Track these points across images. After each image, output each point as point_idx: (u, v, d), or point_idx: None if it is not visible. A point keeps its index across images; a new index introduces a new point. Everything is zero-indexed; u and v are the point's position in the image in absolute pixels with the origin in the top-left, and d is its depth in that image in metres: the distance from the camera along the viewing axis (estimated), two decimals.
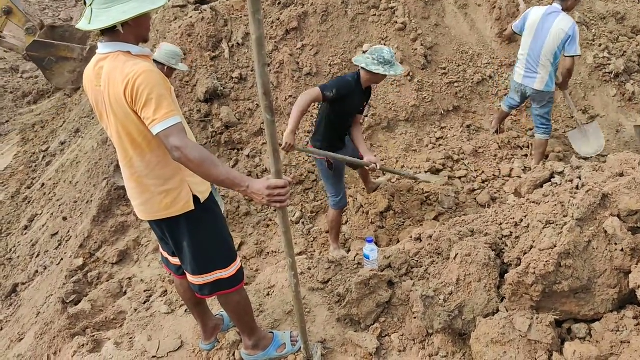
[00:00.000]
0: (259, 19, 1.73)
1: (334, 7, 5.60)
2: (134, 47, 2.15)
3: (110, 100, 2.14)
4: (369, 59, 3.69)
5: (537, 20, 4.36)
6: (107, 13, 2.06)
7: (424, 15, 5.69)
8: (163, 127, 2.00)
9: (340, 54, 5.45)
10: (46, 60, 8.38)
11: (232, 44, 5.52)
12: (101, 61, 2.17)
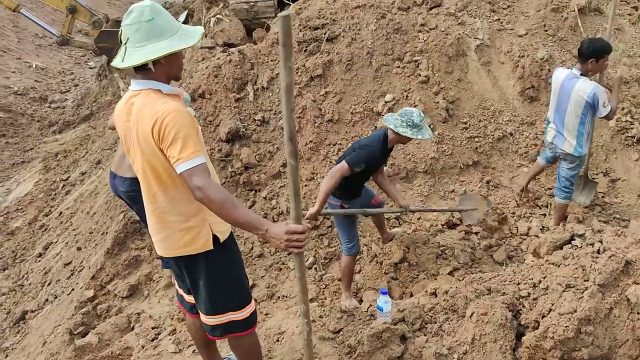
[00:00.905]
0: (290, 67, 1.77)
1: (359, 57, 5.71)
2: (164, 86, 2.21)
3: (138, 137, 2.19)
4: (397, 120, 3.75)
5: (558, 85, 4.35)
6: (140, 51, 2.13)
7: (447, 70, 5.77)
8: (187, 167, 2.03)
9: (363, 102, 5.52)
10: (115, 50, 8.54)
11: (257, 87, 5.63)
12: (133, 97, 2.23)
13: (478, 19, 6.18)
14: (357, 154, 3.71)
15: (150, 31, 2.12)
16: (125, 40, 2.16)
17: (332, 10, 6.09)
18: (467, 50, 5.94)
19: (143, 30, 2.12)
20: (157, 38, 2.13)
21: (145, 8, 2.14)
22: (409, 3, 6.20)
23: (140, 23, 2.12)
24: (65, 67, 12.73)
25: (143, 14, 2.13)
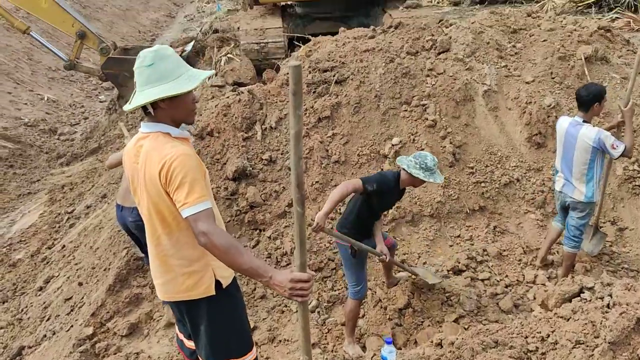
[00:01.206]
0: (299, 115, 1.78)
1: (367, 99, 5.76)
2: (173, 129, 2.23)
3: (145, 179, 2.20)
4: (411, 162, 3.81)
5: (563, 133, 4.36)
6: (140, 96, 2.18)
7: (454, 115, 5.80)
8: (193, 212, 2.04)
9: (370, 145, 5.54)
10: (120, 76, 8.72)
11: (265, 127, 5.67)
12: (142, 139, 2.25)
13: (486, 65, 6.24)
14: (371, 176, 3.85)
15: (150, 76, 2.17)
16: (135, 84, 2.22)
17: (342, 53, 6.18)
18: (474, 96, 5.98)
19: (144, 75, 2.18)
20: (155, 82, 2.17)
21: (149, 53, 2.20)
22: (418, 48, 6.29)
23: (142, 68, 2.19)
24: (76, 100, 12.88)
25: (145, 59, 2.19)
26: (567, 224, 4.51)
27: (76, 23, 8.63)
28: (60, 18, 8.56)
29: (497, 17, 7.14)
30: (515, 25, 6.94)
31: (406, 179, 3.84)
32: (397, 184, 3.85)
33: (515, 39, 6.75)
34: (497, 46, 6.54)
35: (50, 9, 8.42)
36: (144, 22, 21.46)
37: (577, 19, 8.01)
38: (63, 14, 8.55)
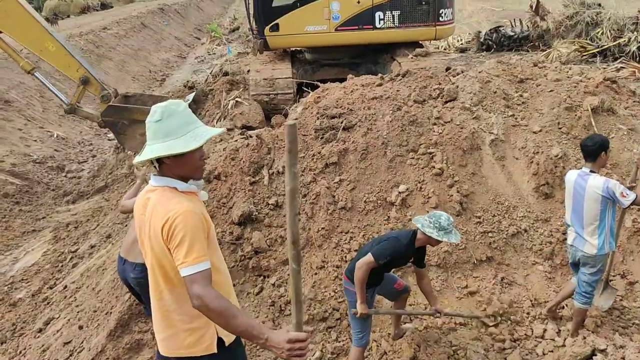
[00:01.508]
0: (295, 172, 1.79)
1: (374, 146, 5.78)
2: (180, 184, 2.24)
3: (149, 232, 2.20)
4: (426, 221, 3.91)
5: (572, 186, 4.35)
6: (147, 150, 2.20)
7: (461, 163, 5.80)
8: (190, 272, 2.04)
9: (376, 191, 5.53)
10: (119, 124, 8.73)
11: (272, 172, 5.68)
12: (150, 192, 2.26)
13: (493, 114, 6.28)
14: (382, 246, 3.84)
15: (158, 132, 2.19)
16: None
17: (350, 100, 6.24)
18: (481, 145, 6.00)
19: (152, 130, 2.20)
20: (162, 138, 2.19)
21: (159, 109, 2.22)
22: (425, 96, 6.35)
23: (150, 123, 2.22)
24: (85, 137, 13.02)
25: (155, 114, 2.22)
26: (578, 280, 4.43)
27: (80, 68, 8.69)
28: (65, 62, 8.63)
29: (504, 67, 7.22)
30: (522, 74, 7.02)
31: (422, 238, 3.91)
32: (412, 243, 3.91)
33: (522, 88, 6.81)
34: (504, 95, 6.59)
35: (57, 53, 8.49)
36: (155, 62, 21.87)
37: (583, 69, 8.10)
38: (69, 58, 8.62)
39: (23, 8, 8.25)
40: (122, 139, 8.93)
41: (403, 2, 8.40)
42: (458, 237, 3.89)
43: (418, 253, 4.06)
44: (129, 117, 8.62)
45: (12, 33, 8.34)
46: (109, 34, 21.66)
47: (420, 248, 4.04)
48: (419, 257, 4.12)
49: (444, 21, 8.66)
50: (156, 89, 18.41)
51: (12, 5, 8.11)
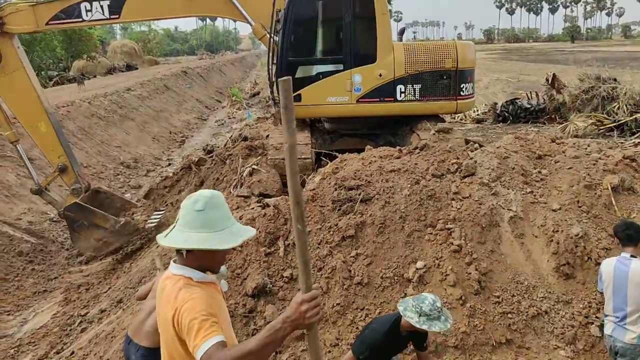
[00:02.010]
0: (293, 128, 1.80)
1: (392, 220, 5.74)
2: (196, 274, 2.23)
3: (161, 320, 2.19)
4: (409, 304, 3.60)
5: (611, 273, 4.26)
6: (180, 236, 2.17)
7: (480, 240, 5.72)
8: (203, 350, 2.02)
9: (393, 267, 5.44)
10: (78, 223, 8.47)
11: (288, 243, 5.63)
12: (168, 279, 2.26)
13: (511, 191, 6.24)
14: (360, 341, 3.65)
15: (196, 221, 2.17)
16: (176, 220, 2.22)
17: (368, 172, 6.26)
18: (500, 221, 5.93)
19: (190, 218, 2.18)
20: (199, 229, 2.17)
21: (203, 198, 2.21)
22: (443, 170, 6.35)
23: (191, 211, 2.19)
24: None
25: (197, 203, 2.20)
26: None
27: (63, 156, 8.58)
28: (50, 146, 8.55)
29: (521, 142, 7.24)
30: (540, 151, 7.03)
31: (406, 324, 3.59)
32: (394, 330, 3.64)
33: (541, 165, 6.81)
34: (523, 172, 6.57)
35: (46, 135, 8.43)
36: (176, 124, 22.37)
37: (601, 145, 8.09)
38: (55, 143, 8.54)
39: (30, 83, 8.33)
40: (76, 237, 8.63)
41: (424, 75, 8.51)
42: (447, 325, 3.53)
43: (414, 337, 3.80)
44: (90, 219, 8.44)
45: (11, 104, 8.37)
46: (132, 95, 22.31)
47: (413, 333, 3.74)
48: (417, 340, 3.87)
49: (464, 95, 8.76)
50: (175, 150, 18.75)
51: (21, 78, 8.22)
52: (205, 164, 10.18)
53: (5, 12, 7.92)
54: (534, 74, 27.62)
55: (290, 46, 8.34)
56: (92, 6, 8.12)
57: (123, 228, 8.43)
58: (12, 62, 8.11)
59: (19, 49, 8.28)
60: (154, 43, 71.02)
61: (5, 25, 7.88)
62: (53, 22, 8.29)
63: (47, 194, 8.90)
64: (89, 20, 8.36)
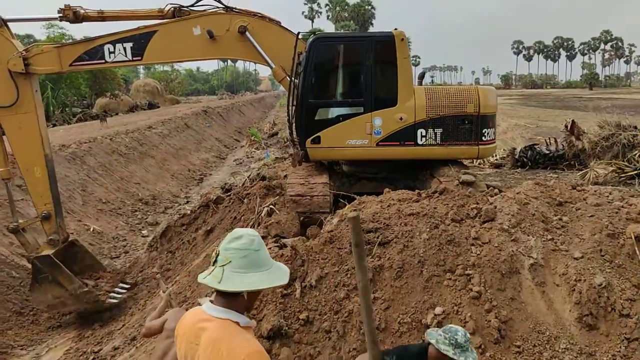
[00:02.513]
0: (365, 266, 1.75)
1: (410, 264, 5.68)
2: (243, 318, 2.19)
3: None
4: (441, 336, 3.59)
5: None
6: (241, 278, 2.14)
7: (499, 287, 5.62)
8: None
9: (411, 312, 5.35)
10: (43, 275, 8.22)
11: (305, 285, 5.59)
12: (205, 322, 2.17)
13: (532, 237, 6.16)
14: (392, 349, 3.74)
15: (256, 261, 2.16)
16: (225, 262, 2.17)
17: (386, 215, 6.24)
18: (520, 269, 5.83)
19: (250, 259, 2.16)
20: (259, 268, 2.17)
21: (255, 237, 2.21)
22: (462, 215, 6.31)
23: (249, 251, 2.17)
24: (120, 232, 13.24)
25: (254, 242, 2.19)
26: None
27: (49, 204, 8.53)
28: (40, 192, 8.51)
29: (542, 189, 7.18)
30: (561, 197, 6.96)
31: (435, 355, 3.56)
32: (422, 357, 3.61)
33: (562, 212, 6.72)
34: (543, 218, 6.50)
35: (39, 181, 8.43)
36: (195, 162, 22.61)
37: (623, 194, 7.98)
38: (46, 190, 8.51)
39: (38, 128, 8.37)
40: (35, 288, 8.34)
41: (446, 120, 8.49)
42: (475, 356, 3.55)
43: None
44: (56, 276, 8.25)
45: (13, 143, 8.37)
46: (153, 133, 22.69)
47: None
48: None
49: (486, 140, 8.73)
50: (194, 187, 18.90)
51: (30, 121, 8.28)
52: (223, 203, 10.23)
53: (31, 53, 8.14)
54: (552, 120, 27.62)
55: (311, 88, 8.44)
56: (115, 48, 8.33)
57: (84, 295, 8.25)
58: (27, 104, 8.23)
59: (36, 92, 8.44)
60: (176, 83, 72.72)
61: (30, 66, 8.09)
62: (77, 64, 8.47)
63: (23, 235, 8.64)
64: (112, 62, 8.54)
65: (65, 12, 8.29)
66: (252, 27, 8.36)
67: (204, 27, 8.34)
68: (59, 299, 8.27)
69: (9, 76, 8.02)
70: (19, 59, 7.97)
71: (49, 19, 10.74)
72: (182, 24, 8.41)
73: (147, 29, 8.35)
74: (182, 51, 8.66)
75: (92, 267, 9.12)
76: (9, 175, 8.68)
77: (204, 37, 8.36)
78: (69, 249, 8.93)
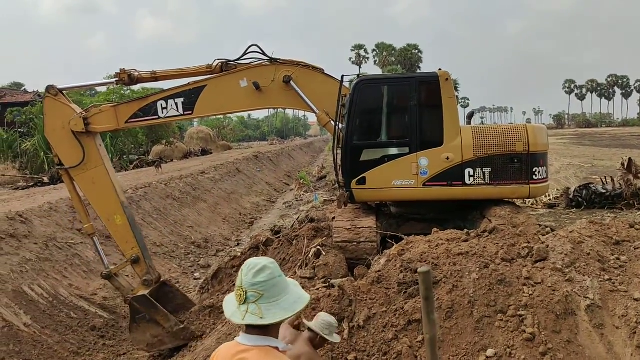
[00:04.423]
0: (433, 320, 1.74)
1: (460, 305, 5.58)
2: (280, 343, 2.23)
3: None
4: None
5: None
6: (278, 306, 2.19)
7: (554, 329, 5.43)
8: None
9: (462, 354, 5.23)
10: (141, 315, 8.50)
11: (352, 325, 5.57)
12: (243, 352, 2.21)
13: (587, 277, 5.95)
14: None
15: (282, 286, 2.23)
16: (257, 297, 2.20)
17: (435, 254, 6.18)
18: (576, 310, 5.62)
19: (280, 286, 2.23)
20: (287, 291, 2.23)
21: (274, 263, 2.27)
22: (514, 255, 6.18)
23: (276, 279, 2.23)
24: (172, 275, 13.52)
25: (276, 269, 2.26)
26: None
27: (136, 248, 8.83)
28: (125, 238, 8.84)
29: (597, 227, 6.96)
30: (618, 236, 6.72)
31: None
32: None
33: (619, 251, 6.48)
34: (599, 258, 6.28)
35: (121, 227, 8.78)
36: (246, 205, 23.01)
37: None
38: (129, 235, 8.84)
39: (109, 179, 8.82)
40: (134, 328, 8.64)
41: (494, 159, 8.35)
42: None
43: None
44: (153, 315, 8.51)
45: (90, 198, 8.88)
46: (206, 178, 23.31)
47: None
48: None
49: (537, 179, 8.51)
50: (245, 230, 19.17)
51: (101, 174, 8.75)
52: (273, 245, 10.33)
53: (90, 113, 8.68)
54: (608, 158, 26.76)
55: (356, 130, 8.55)
56: (168, 104, 8.77)
57: (181, 332, 8.46)
58: (94, 159, 8.73)
59: (100, 146, 8.94)
60: (228, 130, 74.83)
61: (90, 125, 8.61)
62: (132, 120, 8.96)
63: (117, 279, 9.05)
64: (165, 117, 8.99)
65: (121, 75, 8.84)
66: (296, 77, 8.62)
67: (250, 79, 8.66)
68: (157, 337, 8.52)
69: (74, 137, 8.56)
70: (80, 120, 8.51)
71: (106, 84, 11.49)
72: (230, 78, 8.76)
73: (197, 84, 8.77)
74: (230, 103, 9.00)
75: (184, 305, 9.36)
76: (93, 230, 9.14)
77: (250, 88, 8.66)
78: (161, 289, 9.23)
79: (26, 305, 9.42)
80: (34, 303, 9.67)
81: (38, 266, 10.75)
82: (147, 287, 8.81)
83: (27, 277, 10.17)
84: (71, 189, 8.95)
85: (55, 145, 8.82)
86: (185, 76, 9.12)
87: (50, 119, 8.75)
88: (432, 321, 1.73)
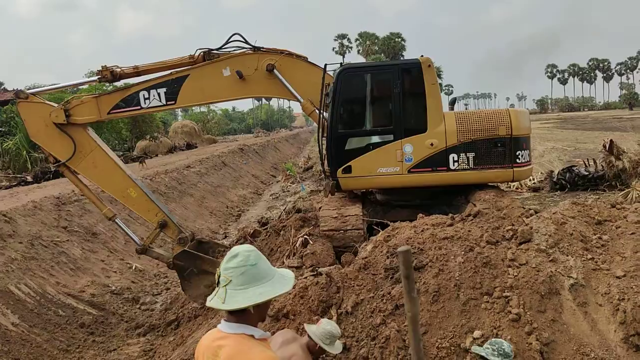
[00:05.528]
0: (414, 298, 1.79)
1: (446, 288, 5.64)
2: (257, 331, 2.26)
3: None
4: (488, 349, 3.79)
5: None
6: (243, 294, 2.22)
7: (539, 309, 5.51)
8: None
9: (449, 337, 5.29)
10: (188, 271, 8.70)
11: (340, 311, 5.61)
12: (221, 339, 2.26)
13: (571, 257, 6.04)
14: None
15: (254, 275, 2.24)
16: (226, 282, 2.27)
17: (420, 239, 6.24)
18: (560, 289, 5.71)
19: (248, 274, 2.24)
20: (259, 281, 2.25)
21: (251, 252, 2.29)
22: (498, 237, 6.25)
23: (245, 267, 2.26)
24: (161, 270, 13.48)
25: (249, 258, 2.28)
26: None
27: (160, 213, 8.99)
28: (145, 207, 8.99)
29: (579, 208, 7.05)
30: (600, 216, 6.82)
31: None
32: None
33: (601, 230, 6.58)
34: (582, 238, 6.37)
35: (138, 199, 8.92)
36: (232, 198, 22.96)
37: None
38: (149, 203, 8.98)
39: (109, 157, 8.95)
40: (187, 285, 8.86)
41: (478, 144, 8.45)
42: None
43: None
44: (199, 266, 8.67)
45: (98, 182, 8.98)
46: (191, 172, 23.20)
47: None
48: None
49: (521, 163, 8.62)
50: (232, 224, 19.15)
51: (99, 156, 8.84)
52: (260, 236, 10.36)
53: (71, 104, 8.63)
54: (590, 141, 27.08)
55: (340, 119, 8.57)
56: (150, 94, 8.75)
57: None
58: (87, 144, 8.79)
59: (89, 129, 8.91)
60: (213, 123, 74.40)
61: (72, 117, 8.57)
62: (114, 111, 8.96)
63: (152, 250, 9.29)
64: (147, 108, 8.99)
65: (103, 72, 8.80)
66: (279, 65, 8.61)
67: (233, 68, 8.64)
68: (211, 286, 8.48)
69: (60, 131, 8.49)
70: (60, 111, 8.46)
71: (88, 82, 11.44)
72: (212, 67, 8.73)
73: (179, 74, 8.74)
74: (213, 92, 8.97)
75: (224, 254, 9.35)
76: (112, 213, 9.29)
77: (233, 77, 8.64)
78: (199, 246, 9.28)
79: (13, 304, 9.35)
80: (21, 302, 9.60)
81: (24, 265, 10.67)
82: (184, 244, 8.90)
83: (13, 276, 10.09)
84: (76, 182, 9.01)
85: (45, 145, 8.77)
86: (168, 68, 9.07)
87: (30, 122, 8.68)
88: (414, 299, 1.77)
